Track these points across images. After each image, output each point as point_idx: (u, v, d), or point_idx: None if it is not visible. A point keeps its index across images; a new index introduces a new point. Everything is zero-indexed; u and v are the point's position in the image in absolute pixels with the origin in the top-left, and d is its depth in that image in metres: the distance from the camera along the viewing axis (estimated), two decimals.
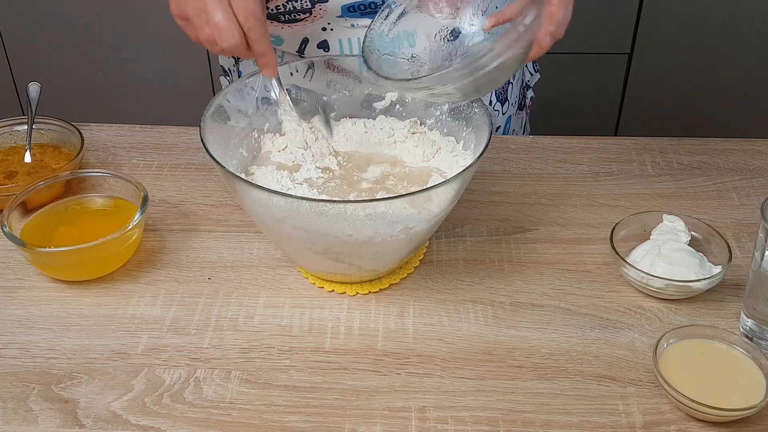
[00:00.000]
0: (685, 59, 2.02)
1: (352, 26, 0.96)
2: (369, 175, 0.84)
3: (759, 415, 0.69)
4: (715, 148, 1.02)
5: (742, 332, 0.77)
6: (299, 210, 0.71)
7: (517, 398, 0.71)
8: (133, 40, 2.09)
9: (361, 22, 0.96)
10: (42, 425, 0.68)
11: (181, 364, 0.74)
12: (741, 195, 0.95)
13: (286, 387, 0.72)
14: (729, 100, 2.08)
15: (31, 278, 0.83)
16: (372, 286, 0.81)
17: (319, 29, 0.97)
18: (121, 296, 0.81)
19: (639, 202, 0.93)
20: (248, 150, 0.87)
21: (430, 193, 0.72)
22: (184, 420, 0.69)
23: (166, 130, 1.05)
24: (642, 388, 0.72)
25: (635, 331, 0.77)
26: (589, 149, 1.02)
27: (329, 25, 0.97)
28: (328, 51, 0.98)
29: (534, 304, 0.80)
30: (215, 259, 0.85)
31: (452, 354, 0.75)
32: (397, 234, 0.74)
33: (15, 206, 0.83)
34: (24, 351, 0.75)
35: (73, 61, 2.13)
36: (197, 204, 0.93)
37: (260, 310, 0.79)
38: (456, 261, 0.85)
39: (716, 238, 0.83)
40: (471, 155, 0.83)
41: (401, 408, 0.70)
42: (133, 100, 2.18)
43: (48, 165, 0.94)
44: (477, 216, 0.91)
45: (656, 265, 0.79)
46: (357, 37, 0.97)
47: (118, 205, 0.87)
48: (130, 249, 0.83)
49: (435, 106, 0.89)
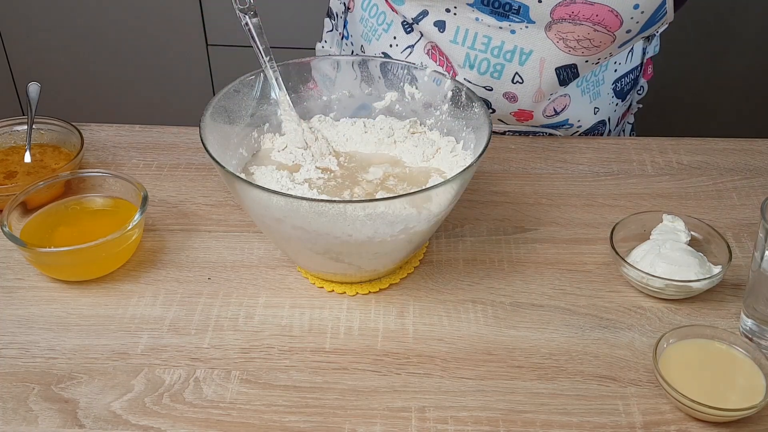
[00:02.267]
0: (685, 59, 2.02)
1: (477, 20, 0.94)
2: (369, 175, 0.84)
3: (759, 415, 0.69)
4: (715, 148, 1.02)
5: (742, 332, 0.77)
6: (299, 210, 0.71)
7: (517, 398, 0.71)
8: (133, 40, 2.09)
9: (486, 19, 0.93)
10: (42, 425, 0.68)
11: (181, 364, 0.74)
12: (741, 195, 0.95)
13: (286, 387, 0.72)
14: (729, 100, 2.08)
15: (31, 278, 0.83)
16: (372, 286, 0.81)
17: (443, 8, 0.95)
18: (121, 296, 0.81)
19: (639, 202, 0.93)
20: (248, 150, 0.87)
21: (430, 193, 0.72)
22: (184, 420, 0.69)
23: (166, 130, 1.05)
24: (642, 388, 0.72)
25: (635, 331, 0.77)
26: (589, 149, 1.02)
27: (455, 9, 0.94)
28: (443, 32, 0.96)
29: (534, 304, 0.80)
30: (215, 259, 0.85)
31: (452, 354, 0.75)
32: (397, 234, 0.74)
33: (15, 206, 0.83)
34: (24, 351, 0.75)
35: (73, 61, 2.13)
36: (197, 204, 0.93)
37: (260, 310, 0.79)
38: (456, 261, 0.85)
39: (716, 238, 0.83)
40: (471, 155, 0.83)
41: (401, 408, 0.70)
42: (133, 100, 2.18)
43: (48, 165, 0.94)
44: (477, 216, 0.91)
45: (656, 265, 0.79)
46: (476, 32, 0.94)
47: (118, 205, 0.87)
48: (130, 249, 0.83)
49: (435, 105, 0.89)
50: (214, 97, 0.82)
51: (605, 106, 1.05)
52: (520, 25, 0.92)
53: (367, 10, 1.04)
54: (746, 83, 2.05)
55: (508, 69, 0.95)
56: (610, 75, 1.04)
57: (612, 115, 1.07)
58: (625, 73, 1.05)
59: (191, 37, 2.07)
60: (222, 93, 0.83)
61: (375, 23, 1.03)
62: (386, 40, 1.02)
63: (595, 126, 1.06)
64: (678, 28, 1.97)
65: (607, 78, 1.03)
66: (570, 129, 1.05)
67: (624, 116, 1.12)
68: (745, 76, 2.04)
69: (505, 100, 0.98)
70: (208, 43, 2.08)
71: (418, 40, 1.00)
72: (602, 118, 1.06)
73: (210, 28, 2.06)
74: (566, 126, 1.04)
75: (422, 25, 0.97)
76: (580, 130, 1.05)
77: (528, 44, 0.94)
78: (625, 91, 1.07)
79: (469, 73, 0.97)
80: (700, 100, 2.09)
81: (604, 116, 1.06)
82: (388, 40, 1.02)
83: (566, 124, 1.03)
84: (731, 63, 2.03)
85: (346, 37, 1.11)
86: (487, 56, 0.95)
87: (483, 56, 0.95)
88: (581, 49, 0.92)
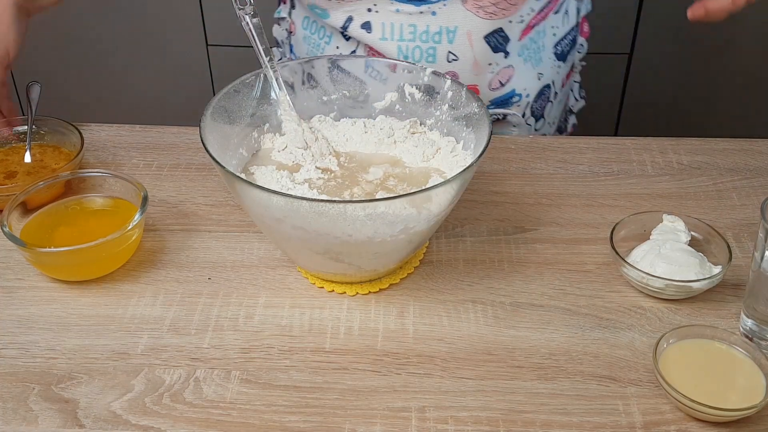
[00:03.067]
0: (685, 59, 2.02)
1: (397, 11, 0.97)
2: (370, 175, 0.84)
3: (759, 415, 0.69)
4: (715, 148, 1.02)
5: (742, 332, 0.77)
6: (299, 210, 0.71)
7: (517, 398, 0.71)
8: (133, 40, 2.09)
9: (405, 8, 0.96)
10: (42, 425, 0.68)
11: (181, 364, 0.74)
12: (741, 195, 0.95)
13: (286, 387, 0.72)
14: (729, 100, 2.08)
15: (31, 278, 0.83)
16: (372, 286, 0.81)
17: (364, 9, 0.98)
18: (121, 296, 0.81)
19: (639, 202, 0.93)
20: (248, 150, 0.87)
21: (430, 193, 0.72)
22: (184, 420, 0.69)
23: (166, 130, 1.05)
24: (642, 388, 0.72)
25: (635, 331, 0.77)
26: (589, 149, 1.02)
27: (375, 7, 0.98)
28: (370, 32, 0.99)
29: (534, 304, 0.80)
30: (215, 259, 0.85)
31: (452, 354, 0.75)
32: (397, 234, 0.74)
33: (15, 206, 0.83)
34: (24, 351, 0.75)
35: (73, 61, 2.13)
36: (197, 204, 0.93)
37: (260, 310, 0.79)
38: (456, 261, 0.85)
39: (716, 238, 0.83)
40: (471, 155, 0.83)
41: (401, 408, 0.70)
42: (133, 100, 2.18)
43: (48, 165, 0.94)
44: (477, 216, 0.91)
45: (656, 265, 0.79)
46: (400, 24, 0.97)
47: (118, 205, 0.87)
48: (130, 249, 0.83)
49: (435, 105, 0.89)
50: (214, 97, 0.82)
51: (548, 70, 1.08)
52: (438, 5, 0.96)
53: (308, 29, 1.08)
54: (746, 83, 2.05)
55: (440, 50, 0.98)
56: (549, 40, 1.07)
57: (555, 78, 1.10)
58: (563, 35, 1.08)
59: (191, 37, 2.07)
60: (222, 93, 0.83)
61: (317, 39, 1.06)
62: (330, 52, 1.05)
63: (542, 91, 1.08)
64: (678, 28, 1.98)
65: (547, 43, 1.06)
66: (519, 102, 1.06)
67: (568, 77, 1.15)
68: (744, 76, 2.04)
69: None
70: (208, 43, 2.08)
71: (357, 45, 1.03)
72: (547, 82, 1.09)
73: (210, 28, 2.06)
74: (515, 98, 1.06)
75: (351, 31, 1.00)
76: (529, 99, 1.07)
77: (451, 21, 0.96)
78: (565, 52, 1.10)
79: None
80: (700, 99, 2.09)
81: (548, 80, 1.09)
82: (332, 52, 1.05)
83: (514, 95, 1.05)
84: (731, 62, 2.02)
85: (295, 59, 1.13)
86: (418, 44, 0.98)
87: (414, 45, 0.98)
88: (500, 12, 0.95)
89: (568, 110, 1.21)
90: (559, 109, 1.15)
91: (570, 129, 1.23)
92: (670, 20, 1.97)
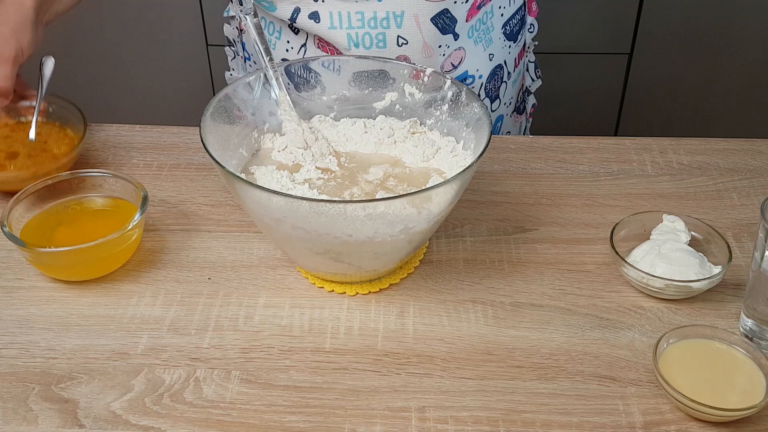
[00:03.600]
0: (685, 59, 2.02)
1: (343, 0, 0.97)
2: (370, 175, 0.84)
3: (759, 415, 0.69)
4: (715, 148, 1.02)
5: (742, 332, 0.77)
6: (299, 210, 0.71)
7: (517, 398, 0.71)
8: (133, 40, 2.09)
9: None
10: (42, 425, 0.68)
11: (181, 364, 0.74)
12: (741, 195, 0.95)
13: (286, 387, 0.72)
14: (729, 100, 2.08)
15: (31, 278, 0.83)
16: (372, 286, 0.81)
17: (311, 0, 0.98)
18: (121, 296, 0.81)
19: (639, 202, 0.93)
20: (248, 150, 0.87)
21: (430, 193, 0.72)
22: (184, 420, 0.69)
23: (166, 130, 1.05)
24: (642, 388, 0.72)
25: (635, 331, 0.77)
26: (589, 149, 1.02)
27: None
28: (318, 22, 0.98)
29: (534, 304, 0.80)
30: (215, 259, 0.85)
31: (452, 354, 0.75)
32: (397, 234, 0.74)
33: (15, 206, 0.83)
34: (24, 351, 0.75)
35: (74, 60, 2.13)
36: (197, 204, 0.93)
37: (260, 310, 0.79)
38: (456, 261, 0.85)
39: (716, 238, 0.83)
40: (471, 155, 0.83)
41: (401, 408, 0.70)
42: (133, 100, 2.18)
43: (50, 149, 0.94)
44: (477, 216, 0.91)
45: (656, 265, 0.79)
46: (348, 12, 0.97)
47: (118, 205, 0.87)
48: (130, 249, 0.83)
49: (435, 105, 0.89)
50: (214, 97, 0.82)
51: (498, 50, 1.08)
52: None
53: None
54: (746, 83, 2.05)
55: (390, 35, 0.98)
56: (498, 20, 1.07)
57: (507, 57, 1.10)
58: (511, 15, 1.09)
59: (191, 37, 2.07)
60: (222, 93, 0.83)
61: (267, 34, 1.05)
62: (282, 47, 1.04)
63: (494, 71, 1.09)
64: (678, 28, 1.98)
65: (496, 24, 1.07)
66: (473, 84, 1.07)
67: (521, 57, 1.16)
68: (744, 76, 2.04)
69: None
70: (208, 43, 2.08)
71: (306, 38, 1.02)
72: (498, 62, 1.09)
73: (210, 28, 2.06)
74: (467, 80, 1.06)
75: (300, 22, 1.00)
76: (483, 80, 1.07)
77: (397, 6, 0.97)
78: (514, 32, 1.11)
79: (356, 52, 0.99)
80: (700, 99, 2.09)
81: (499, 60, 1.09)
82: (283, 46, 1.04)
83: (467, 77, 1.06)
84: (731, 62, 2.02)
85: (248, 58, 1.14)
86: (367, 30, 0.98)
87: (363, 31, 0.98)
88: None
89: (526, 91, 1.21)
90: (515, 90, 1.16)
91: (530, 109, 1.23)
92: (670, 20, 1.97)
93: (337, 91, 0.91)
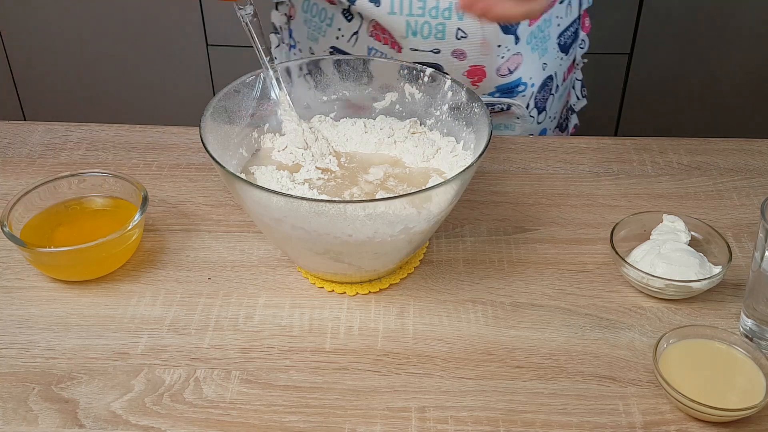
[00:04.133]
0: (685, 59, 2.02)
1: None
2: (370, 176, 0.84)
3: (759, 415, 0.69)
4: (715, 148, 1.02)
5: (742, 332, 0.77)
6: (299, 210, 0.71)
7: (517, 398, 0.71)
8: (133, 40, 2.09)
9: None
10: (42, 425, 0.68)
11: (181, 364, 0.74)
12: (741, 195, 0.95)
13: (286, 387, 0.72)
14: (729, 100, 2.08)
15: (31, 278, 0.83)
16: (372, 286, 0.81)
17: None
18: (121, 296, 0.81)
19: (639, 202, 0.93)
20: (248, 150, 0.87)
21: (430, 193, 0.72)
22: (184, 420, 0.69)
23: (166, 130, 1.05)
24: (642, 388, 0.72)
25: (635, 331, 0.77)
26: (589, 149, 1.02)
27: None
28: (379, 6, 0.97)
29: (534, 304, 0.80)
30: (215, 259, 0.85)
31: (452, 354, 0.75)
32: (397, 234, 0.74)
33: (15, 206, 0.83)
34: (24, 351, 0.75)
35: (73, 61, 2.13)
36: (197, 204, 0.93)
37: (260, 310, 0.79)
38: (456, 261, 0.85)
39: (716, 238, 0.83)
40: (471, 155, 0.83)
41: (401, 408, 0.70)
42: (133, 100, 2.18)
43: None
44: (477, 216, 0.91)
45: (656, 265, 0.79)
46: None
47: (118, 205, 0.87)
48: (130, 249, 0.83)
49: (435, 105, 0.89)
50: (214, 97, 0.82)
51: (552, 61, 1.08)
52: None
53: (309, 11, 1.07)
54: (746, 83, 2.05)
55: (450, 26, 0.97)
56: (554, 30, 1.06)
57: (558, 69, 1.10)
58: (566, 26, 1.08)
59: (191, 37, 2.07)
60: (222, 93, 0.83)
61: (318, 21, 1.05)
62: (332, 34, 1.04)
63: (545, 82, 1.08)
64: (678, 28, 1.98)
65: (552, 33, 1.06)
66: (525, 92, 1.06)
67: (570, 71, 1.15)
68: (745, 76, 2.04)
69: (454, 58, 1.00)
70: (208, 43, 2.08)
71: (360, 25, 1.01)
72: (549, 73, 1.08)
73: (210, 28, 2.06)
74: (520, 87, 1.05)
75: (359, 5, 0.98)
76: (534, 90, 1.07)
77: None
78: (567, 44, 1.10)
79: (414, 40, 0.98)
80: (700, 99, 2.09)
81: (551, 71, 1.09)
82: (333, 33, 1.03)
83: (520, 84, 1.05)
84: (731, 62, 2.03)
85: (293, 46, 1.13)
86: (427, 19, 0.97)
87: (423, 20, 0.97)
88: None
89: (570, 109, 1.21)
90: (560, 104, 1.15)
91: (572, 129, 1.23)
92: (670, 20, 1.97)
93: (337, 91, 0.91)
